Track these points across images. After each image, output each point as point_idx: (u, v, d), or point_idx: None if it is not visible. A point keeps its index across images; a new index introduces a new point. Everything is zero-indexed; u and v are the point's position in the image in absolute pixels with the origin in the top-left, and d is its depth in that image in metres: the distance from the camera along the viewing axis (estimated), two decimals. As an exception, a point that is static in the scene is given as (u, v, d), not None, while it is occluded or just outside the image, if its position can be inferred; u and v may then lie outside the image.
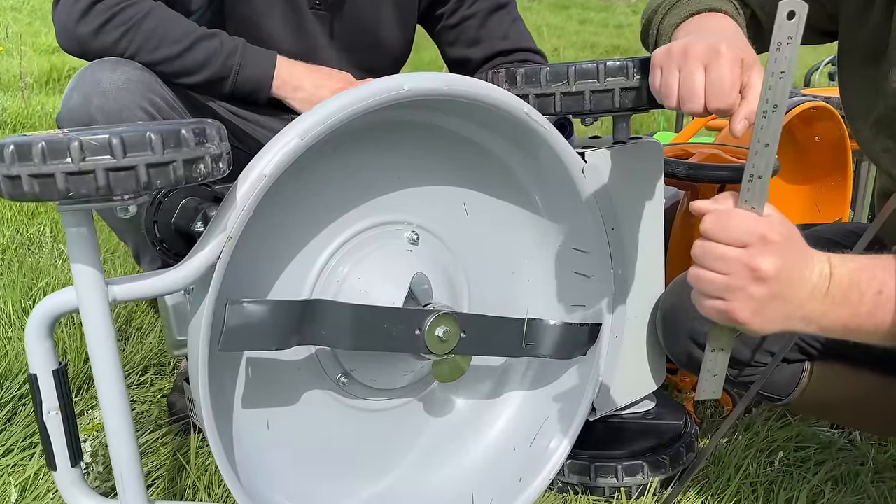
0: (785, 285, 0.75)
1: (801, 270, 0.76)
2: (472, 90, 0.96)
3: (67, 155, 0.65)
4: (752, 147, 0.77)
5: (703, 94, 0.85)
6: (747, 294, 0.75)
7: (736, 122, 0.85)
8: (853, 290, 0.76)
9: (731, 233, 0.75)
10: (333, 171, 1.00)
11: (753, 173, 0.77)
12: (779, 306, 0.76)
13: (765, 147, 0.77)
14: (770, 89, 0.75)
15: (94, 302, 0.77)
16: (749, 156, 0.78)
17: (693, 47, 0.86)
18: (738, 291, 0.75)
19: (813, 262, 0.77)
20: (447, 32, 1.52)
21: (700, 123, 1.98)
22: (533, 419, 1.21)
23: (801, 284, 0.76)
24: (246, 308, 0.86)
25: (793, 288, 0.76)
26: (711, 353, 0.86)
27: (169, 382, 1.42)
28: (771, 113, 0.75)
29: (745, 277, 0.74)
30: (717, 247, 0.76)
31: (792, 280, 0.75)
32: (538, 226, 1.17)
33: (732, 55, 0.85)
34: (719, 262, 0.75)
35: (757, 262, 0.74)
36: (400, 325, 0.97)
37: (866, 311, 0.76)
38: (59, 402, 0.82)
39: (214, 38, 1.23)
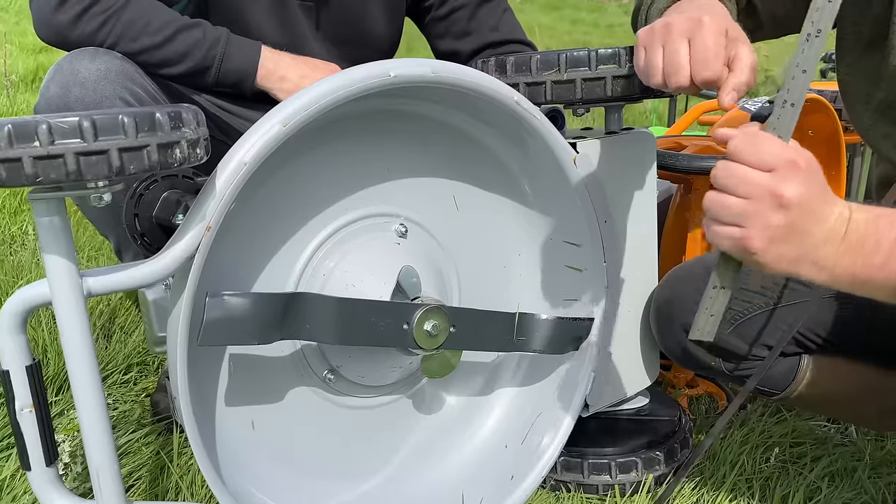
0: (805, 218, 0.71)
1: (822, 206, 0.72)
2: (459, 77, 0.93)
3: (35, 139, 0.62)
4: (789, 72, 0.75)
5: (688, 66, 0.83)
6: (766, 221, 0.71)
7: (724, 94, 0.82)
8: (869, 238, 0.73)
9: (760, 155, 0.71)
10: (319, 162, 0.97)
11: (787, 100, 0.75)
12: (795, 241, 0.72)
13: (802, 73, 0.74)
14: (818, 10, 0.73)
15: (67, 294, 0.74)
16: (785, 81, 0.75)
17: (674, 22, 0.85)
18: (757, 217, 0.71)
19: (834, 202, 0.74)
20: (436, 24, 1.50)
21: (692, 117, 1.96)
22: (525, 416, 1.18)
23: (820, 221, 0.72)
24: (226, 301, 0.83)
25: (812, 222, 0.72)
26: (713, 290, 0.82)
27: (153, 381, 1.39)
28: (814, 38, 0.73)
29: (768, 203, 0.71)
30: (742, 168, 0.72)
31: (813, 213, 0.72)
32: (529, 219, 1.15)
33: (715, 25, 0.83)
34: (742, 185, 0.71)
35: (782, 188, 0.70)
36: (387, 320, 0.94)
37: (880, 262, 0.72)
38: (32, 399, 0.79)
39: (197, 28, 1.20)
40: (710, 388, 1.49)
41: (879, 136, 0.98)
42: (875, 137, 0.99)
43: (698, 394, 1.48)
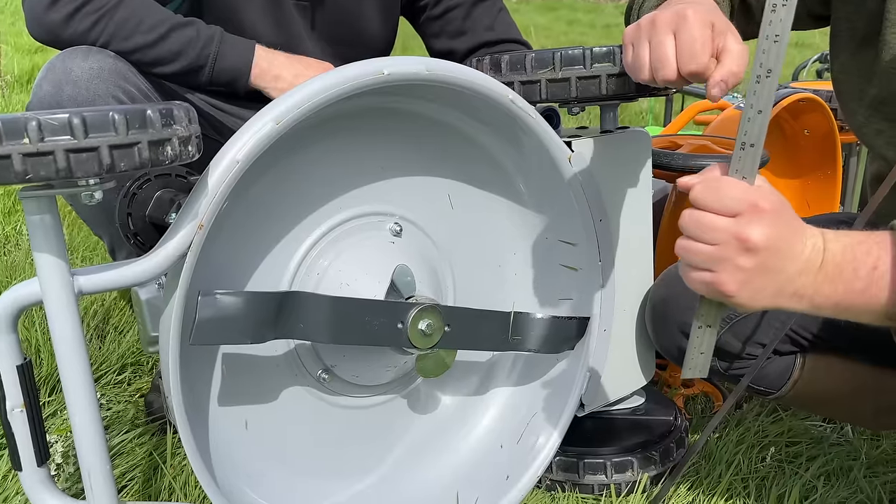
0: (775, 257, 0.72)
1: (793, 242, 0.73)
2: (454, 75, 0.93)
3: (25, 135, 0.62)
4: (745, 114, 0.74)
5: (675, 59, 0.82)
6: (735, 265, 0.72)
7: (712, 86, 0.81)
8: (847, 266, 0.73)
9: (721, 201, 0.72)
10: (313, 160, 0.96)
11: (745, 141, 0.74)
12: (768, 279, 0.73)
13: (757, 114, 0.73)
14: (764, 53, 0.71)
15: (58, 293, 0.74)
16: (741, 123, 0.75)
17: (659, 16, 0.84)
18: (727, 262, 0.72)
19: (805, 235, 0.74)
20: (431, 24, 1.49)
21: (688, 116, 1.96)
22: (520, 416, 1.18)
23: (793, 257, 0.73)
24: (219, 300, 0.83)
25: (783, 260, 0.73)
26: (699, 329, 0.83)
27: (147, 382, 1.39)
28: (765, 78, 0.72)
29: (734, 248, 0.71)
30: (705, 216, 0.73)
31: (782, 252, 0.72)
32: (525, 217, 1.14)
33: (701, 18, 0.82)
34: (708, 232, 0.72)
35: (747, 232, 0.71)
36: (381, 319, 0.94)
37: (860, 288, 0.73)
38: (24, 398, 0.79)
39: (191, 27, 1.19)
40: (706, 387, 1.49)
41: (873, 133, 0.97)
42: (869, 134, 0.99)
43: (694, 393, 1.47)
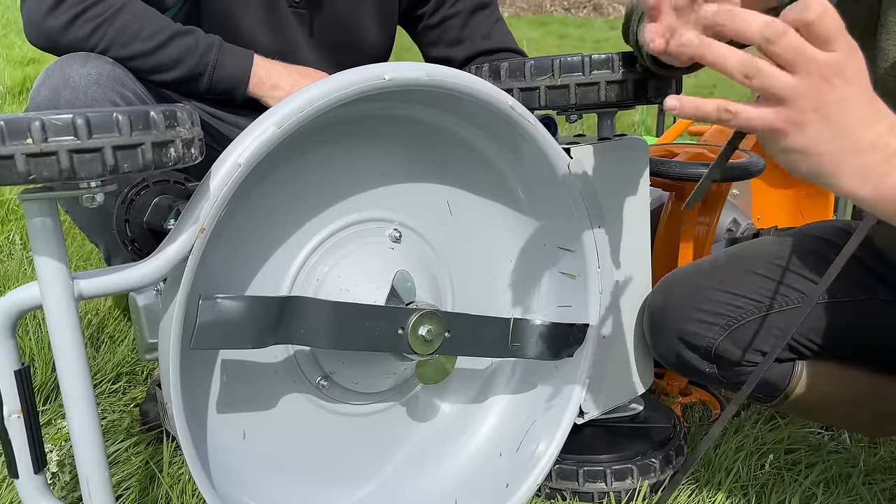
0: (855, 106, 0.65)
1: (871, 104, 0.66)
2: (454, 81, 0.93)
3: (28, 136, 0.62)
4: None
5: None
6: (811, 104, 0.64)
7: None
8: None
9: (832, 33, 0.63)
10: (313, 166, 0.96)
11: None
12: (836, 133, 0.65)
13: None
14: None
15: (58, 297, 0.73)
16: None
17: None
18: (802, 97, 0.64)
19: (885, 112, 0.66)
20: (428, 32, 1.50)
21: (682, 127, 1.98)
22: (519, 423, 1.18)
23: (869, 123, 0.65)
24: (220, 304, 0.82)
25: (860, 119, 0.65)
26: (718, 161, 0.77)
27: (142, 391, 1.37)
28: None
29: (820, 84, 0.63)
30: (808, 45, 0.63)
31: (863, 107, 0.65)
32: (523, 224, 1.14)
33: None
34: (803, 61, 0.63)
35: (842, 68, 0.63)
36: (382, 324, 0.93)
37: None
38: (21, 404, 0.78)
39: (190, 35, 1.19)
40: (704, 396, 1.49)
41: None
42: None
43: (692, 402, 1.47)
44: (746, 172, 1.32)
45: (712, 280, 1.11)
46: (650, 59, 0.95)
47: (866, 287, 1.06)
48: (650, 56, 0.94)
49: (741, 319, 1.07)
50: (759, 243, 1.17)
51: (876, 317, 1.06)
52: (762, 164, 1.34)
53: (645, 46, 0.84)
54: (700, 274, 1.15)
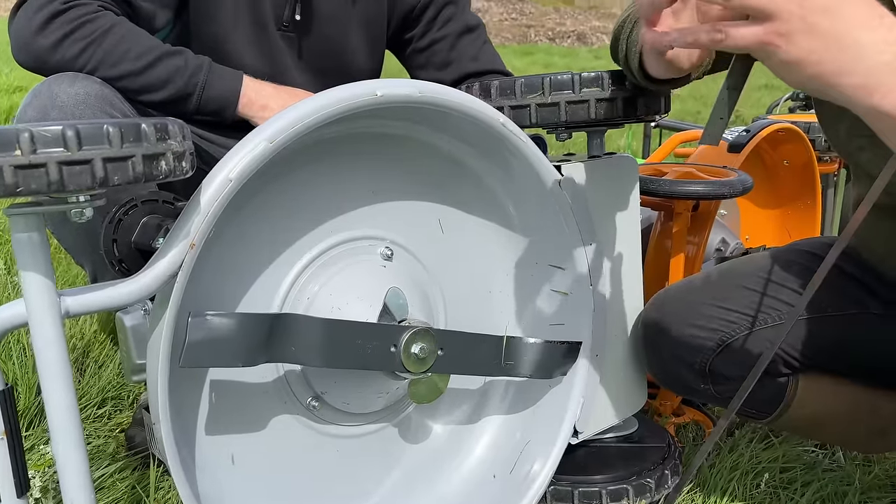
0: (849, 14, 0.63)
1: (869, 12, 0.64)
2: (446, 98, 0.93)
3: (16, 147, 0.61)
4: None
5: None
6: (800, 13, 0.62)
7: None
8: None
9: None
10: (303, 183, 0.96)
11: None
12: (832, 42, 0.63)
13: None
14: None
15: (45, 314, 0.72)
16: None
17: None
18: (788, 8, 0.63)
19: (883, 12, 0.64)
20: (417, 56, 1.51)
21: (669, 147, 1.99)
22: (513, 445, 1.16)
23: (867, 27, 0.63)
24: (210, 321, 0.81)
25: (856, 27, 0.63)
26: (725, 91, 0.75)
27: (128, 416, 1.35)
28: None
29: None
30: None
31: (858, 15, 0.63)
32: (515, 242, 1.14)
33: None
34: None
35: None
36: (374, 342, 0.92)
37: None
38: (4, 426, 0.76)
39: (179, 56, 1.19)
40: (697, 415, 1.48)
41: (855, 150, 0.99)
42: (853, 152, 1.00)
43: (685, 422, 1.46)
44: (734, 191, 1.33)
45: (705, 296, 1.11)
46: (641, 73, 0.95)
47: (857, 301, 1.07)
48: (641, 70, 0.95)
49: (735, 334, 1.07)
50: (750, 259, 1.18)
51: (868, 330, 1.06)
52: (750, 182, 1.35)
53: (646, 48, 0.84)
54: (692, 290, 1.15)
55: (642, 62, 0.93)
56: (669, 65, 0.89)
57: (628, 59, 0.99)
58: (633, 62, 0.96)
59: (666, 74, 0.91)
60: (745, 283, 1.10)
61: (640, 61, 0.94)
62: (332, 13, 1.38)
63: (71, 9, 1.13)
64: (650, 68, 0.92)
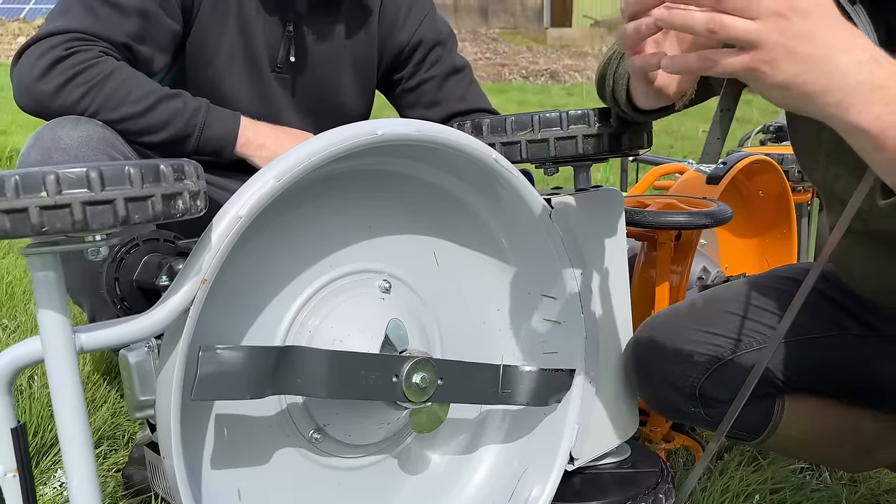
0: (825, 37, 0.67)
1: (845, 34, 0.68)
2: (442, 136, 0.98)
3: (42, 189, 0.63)
4: None
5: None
6: (780, 41, 0.67)
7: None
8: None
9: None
10: (311, 218, 0.99)
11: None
12: (814, 64, 0.67)
13: None
14: None
15: (60, 350, 0.73)
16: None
17: None
18: (770, 37, 0.67)
19: (857, 35, 0.68)
20: (406, 95, 1.56)
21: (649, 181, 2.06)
22: (511, 472, 1.18)
23: (844, 48, 0.67)
24: (220, 355, 0.83)
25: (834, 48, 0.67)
26: (719, 114, 0.81)
27: (124, 456, 1.35)
28: None
29: (781, 19, 0.66)
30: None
31: (834, 36, 0.67)
32: (508, 273, 1.18)
33: None
34: (753, 4, 0.67)
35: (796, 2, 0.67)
36: (377, 372, 0.94)
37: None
38: (17, 463, 0.77)
39: (178, 98, 1.23)
40: (687, 441, 1.51)
41: (832, 178, 1.04)
42: (828, 181, 1.05)
43: (675, 447, 1.49)
44: (715, 221, 1.38)
45: (691, 322, 1.15)
46: (628, 104, 1.00)
47: (838, 323, 1.11)
48: (629, 102, 1.00)
49: (722, 358, 1.11)
50: (733, 286, 1.22)
51: (849, 351, 1.10)
52: (730, 212, 1.40)
53: (634, 75, 0.88)
54: (679, 316, 1.19)
55: (630, 94, 0.98)
56: (658, 93, 0.93)
57: (615, 92, 1.04)
58: (621, 95, 1.01)
59: (653, 104, 0.95)
60: (730, 309, 1.15)
61: (627, 93, 0.99)
62: (324, 55, 1.42)
63: (73, 55, 1.16)
64: (637, 99, 0.97)
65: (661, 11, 0.72)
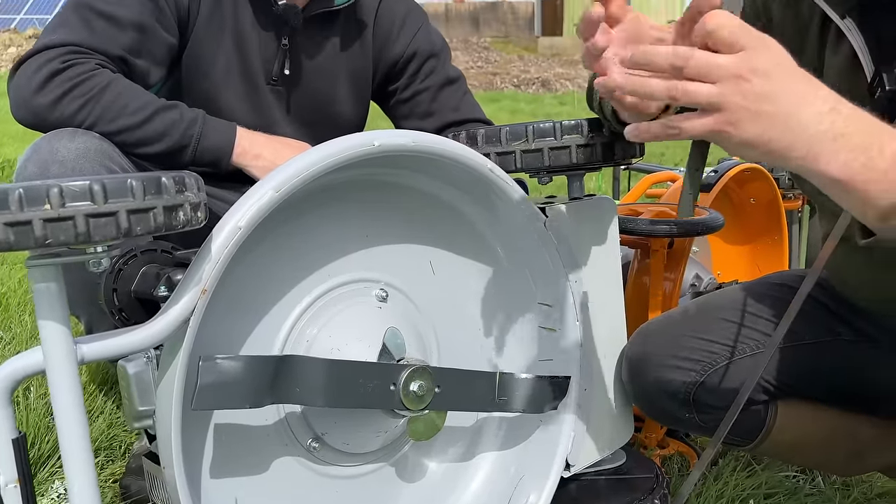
0: (785, 94, 0.68)
1: (805, 87, 0.69)
2: (438, 147, 0.99)
3: (46, 202, 0.64)
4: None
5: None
6: (741, 103, 0.68)
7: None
8: (873, 139, 0.69)
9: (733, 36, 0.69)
10: (311, 227, 1.00)
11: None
12: (777, 120, 0.68)
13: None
14: None
15: (62, 361, 0.74)
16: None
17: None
18: (732, 99, 0.68)
19: (818, 87, 0.70)
20: (400, 106, 1.57)
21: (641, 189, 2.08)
22: (507, 480, 1.19)
23: (805, 101, 0.69)
24: (219, 364, 0.84)
25: (794, 103, 0.69)
26: (688, 172, 0.82)
27: (120, 466, 1.35)
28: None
29: (741, 81, 0.68)
30: (708, 54, 0.69)
31: (793, 91, 0.69)
32: (504, 282, 1.19)
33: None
34: (713, 70, 0.68)
35: (755, 63, 0.68)
36: (375, 381, 0.95)
37: (883, 168, 0.68)
38: (18, 473, 0.77)
39: (174, 110, 1.24)
40: (681, 447, 1.52)
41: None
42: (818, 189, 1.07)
43: (669, 453, 1.50)
44: (707, 228, 1.40)
45: (685, 328, 1.17)
46: (614, 118, 1.02)
47: (830, 329, 1.13)
48: (615, 116, 1.01)
49: (716, 364, 1.12)
50: (726, 293, 1.24)
51: (842, 357, 1.12)
52: (721, 220, 1.42)
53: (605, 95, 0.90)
54: (673, 323, 1.20)
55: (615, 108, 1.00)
56: (634, 109, 0.94)
57: (602, 105, 1.06)
58: (607, 108, 1.02)
59: (635, 120, 0.96)
60: (723, 316, 1.16)
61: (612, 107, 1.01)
62: (319, 67, 1.44)
63: (70, 67, 1.17)
64: (620, 114, 0.98)
65: (621, 78, 0.73)
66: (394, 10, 1.50)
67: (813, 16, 1.01)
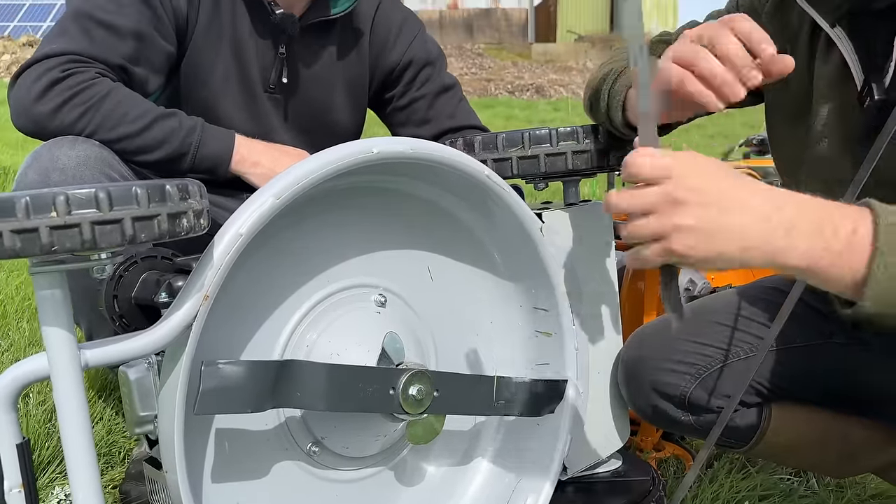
0: (716, 207, 0.69)
1: (735, 193, 0.70)
2: (436, 153, 1.00)
3: (52, 209, 0.65)
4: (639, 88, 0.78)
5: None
6: (678, 225, 0.70)
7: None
8: (825, 223, 0.70)
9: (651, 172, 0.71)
10: (312, 233, 1.01)
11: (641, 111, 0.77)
12: (717, 231, 0.69)
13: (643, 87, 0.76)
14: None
15: (66, 367, 0.75)
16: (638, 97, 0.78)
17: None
18: (669, 225, 0.70)
19: (756, 188, 0.71)
20: (397, 114, 1.59)
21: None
22: (505, 484, 1.20)
23: (739, 208, 0.70)
24: (221, 369, 0.85)
25: (728, 212, 0.69)
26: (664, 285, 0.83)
27: (120, 472, 1.35)
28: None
29: (671, 208, 0.70)
30: (636, 190, 0.72)
31: (723, 202, 0.70)
32: (500, 287, 1.20)
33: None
34: (645, 204, 0.71)
35: (676, 191, 0.70)
36: (374, 385, 0.96)
37: (838, 249, 0.69)
38: (22, 478, 0.78)
39: (173, 117, 1.25)
40: (677, 450, 1.54)
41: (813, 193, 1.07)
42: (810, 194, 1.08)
43: (665, 456, 1.52)
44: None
45: (681, 332, 1.18)
46: (623, 122, 1.03)
47: (822, 332, 1.14)
48: (624, 120, 1.03)
49: (710, 367, 1.14)
50: (721, 297, 1.25)
51: (834, 360, 1.14)
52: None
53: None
54: (668, 327, 1.21)
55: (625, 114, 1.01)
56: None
57: (610, 110, 1.07)
58: (616, 114, 1.04)
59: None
60: (717, 319, 1.18)
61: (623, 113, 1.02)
62: (317, 75, 1.45)
63: (70, 76, 1.18)
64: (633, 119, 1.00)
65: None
66: (390, 19, 1.52)
67: (803, 24, 1.03)
